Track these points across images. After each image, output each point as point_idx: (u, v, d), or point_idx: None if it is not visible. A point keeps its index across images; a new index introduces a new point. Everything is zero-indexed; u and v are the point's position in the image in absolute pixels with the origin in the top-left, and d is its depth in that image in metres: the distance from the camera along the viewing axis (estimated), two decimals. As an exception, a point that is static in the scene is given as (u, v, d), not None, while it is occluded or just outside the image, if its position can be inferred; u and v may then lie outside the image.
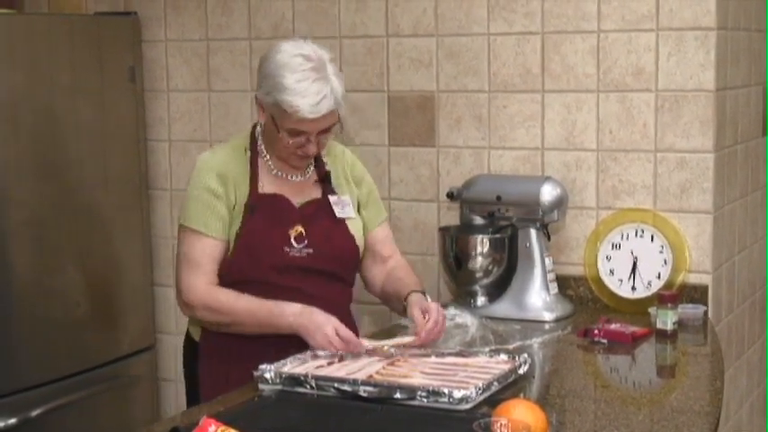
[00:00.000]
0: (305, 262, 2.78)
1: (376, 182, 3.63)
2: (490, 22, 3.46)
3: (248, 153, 2.82)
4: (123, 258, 3.92)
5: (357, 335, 2.70)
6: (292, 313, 2.67)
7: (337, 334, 2.61)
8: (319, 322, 2.63)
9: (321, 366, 2.52)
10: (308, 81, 2.64)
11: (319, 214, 2.84)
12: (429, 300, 2.82)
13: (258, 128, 2.85)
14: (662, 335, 2.98)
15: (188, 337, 2.93)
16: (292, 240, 2.78)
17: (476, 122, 3.51)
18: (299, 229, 2.79)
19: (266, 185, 2.81)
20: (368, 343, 2.65)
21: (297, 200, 2.83)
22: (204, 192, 2.76)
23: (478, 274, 3.28)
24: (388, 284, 2.95)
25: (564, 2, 3.36)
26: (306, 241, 2.79)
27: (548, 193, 3.23)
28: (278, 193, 2.81)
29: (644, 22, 3.27)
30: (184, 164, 4.00)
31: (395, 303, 2.92)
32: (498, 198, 3.28)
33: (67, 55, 3.67)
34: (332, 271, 2.84)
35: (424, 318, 2.71)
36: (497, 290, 3.28)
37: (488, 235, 3.29)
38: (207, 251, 2.75)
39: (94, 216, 3.79)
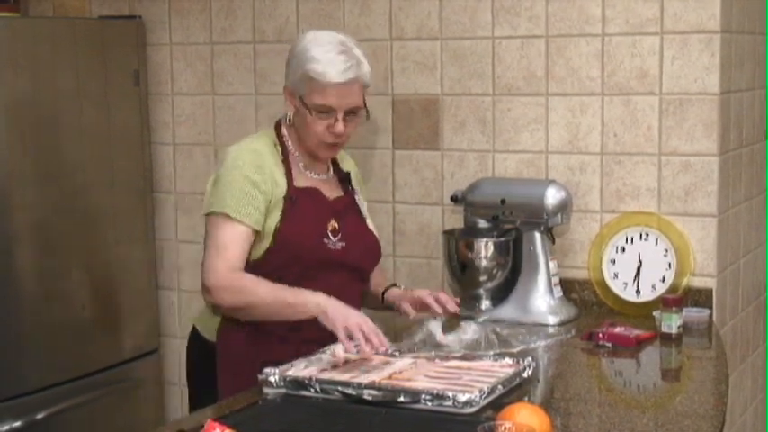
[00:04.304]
0: (338, 255, 2.83)
1: (380, 185, 3.66)
2: (494, 26, 3.46)
3: (279, 148, 2.86)
4: (128, 261, 3.92)
5: None
6: (317, 298, 2.64)
7: (362, 330, 2.56)
8: (347, 311, 2.62)
9: (325, 370, 2.52)
10: (334, 52, 2.77)
11: (348, 210, 2.93)
12: (404, 288, 2.98)
13: (284, 124, 2.89)
14: (666, 338, 2.98)
15: (196, 338, 2.90)
16: (329, 233, 2.83)
17: (480, 126, 3.51)
18: (334, 223, 2.85)
19: (299, 180, 2.85)
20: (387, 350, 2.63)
21: (328, 195, 2.90)
22: (242, 179, 2.74)
23: (483, 278, 3.28)
24: None
25: (568, 5, 3.36)
26: (339, 234, 2.85)
27: (552, 196, 3.23)
28: (312, 186, 2.87)
29: (648, 26, 3.27)
30: (189, 167, 4.00)
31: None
32: (502, 201, 3.28)
33: (72, 58, 3.67)
34: (360, 266, 2.92)
35: (417, 309, 2.88)
36: (501, 293, 3.28)
37: (493, 238, 3.29)
38: (237, 237, 2.72)
39: (99, 219, 3.80)
